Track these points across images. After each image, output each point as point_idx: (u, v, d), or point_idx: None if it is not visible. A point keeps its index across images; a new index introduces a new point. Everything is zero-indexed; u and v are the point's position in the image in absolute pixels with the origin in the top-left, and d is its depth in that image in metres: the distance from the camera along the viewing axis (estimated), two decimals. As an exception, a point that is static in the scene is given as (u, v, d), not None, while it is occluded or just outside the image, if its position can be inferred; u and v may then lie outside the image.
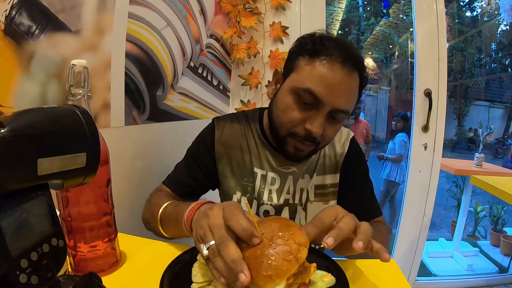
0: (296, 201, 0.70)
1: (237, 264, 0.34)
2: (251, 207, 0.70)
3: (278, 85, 0.63)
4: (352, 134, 0.74)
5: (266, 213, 0.69)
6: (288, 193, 0.69)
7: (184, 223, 0.46)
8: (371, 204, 0.73)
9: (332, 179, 0.71)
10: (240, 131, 0.71)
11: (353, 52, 0.56)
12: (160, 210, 0.56)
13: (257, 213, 0.70)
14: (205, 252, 0.37)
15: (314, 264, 0.40)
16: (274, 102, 0.62)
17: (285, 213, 0.70)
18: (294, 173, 0.69)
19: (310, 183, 0.70)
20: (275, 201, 0.69)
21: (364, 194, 0.73)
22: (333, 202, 0.72)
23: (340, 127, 0.63)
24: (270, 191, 0.69)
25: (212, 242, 0.37)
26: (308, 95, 0.55)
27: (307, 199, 0.70)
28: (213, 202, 0.47)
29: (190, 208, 0.46)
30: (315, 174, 0.70)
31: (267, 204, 0.69)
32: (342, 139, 0.72)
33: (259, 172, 0.69)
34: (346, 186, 0.71)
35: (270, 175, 0.69)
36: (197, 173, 0.70)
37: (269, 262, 0.34)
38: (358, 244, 0.37)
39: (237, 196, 0.70)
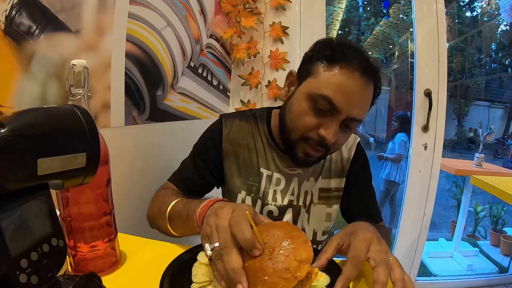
0: (300, 203, 0.70)
1: (236, 274, 0.34)
2: (255, 207, 0.69)
3: (292, 88, 0.63)
4: (358, 139, 0.74)
5: (270, 213, 0.69)
6: (292, 194, 0.69)
7: (196, 220, 0.46)
8: (373, 210, 0.74)
9: (337, 183, 0.71)
10: (248, 130, 0.70)
11: (372, 63, 0.57)
12: (169, 208, 0.55)
13: (261, 213, 0.70)
14: (209, 252, 0.37)
15: (316, 270, 0.39)
16: (288, 106, 0.61)
17: (289, 214, 0.70)
18: (300, 175, 0.69)
19: (315, 186, 0.70)
20: (279, 202, 0.69)
21: (367, 200, 0.74)
22: (336, 206, 0.72)
23: (350, 135, 0.63)
24: (274, 192, 0.69)
25: (217, 244, 0.37)
26: (325, 102, 0.55)
27: (311, 201, 0.70)
28: (227, 201, 0.47)
29: (203, 205, 0.46)
30: (320, 177, 0.70)
31: (271, 204, 0.69)
32: (348, 144, 0.72)
33: (265, 172, 0.69)
34: (350, 190, 0.72)
35: (276, 175, 0.69)
36: (203, 170, 0.70)
37: (266, 278, 0.33)
38: None
39: (241, 195, 0.70)
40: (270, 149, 0.69)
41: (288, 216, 0.70)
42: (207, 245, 0.38)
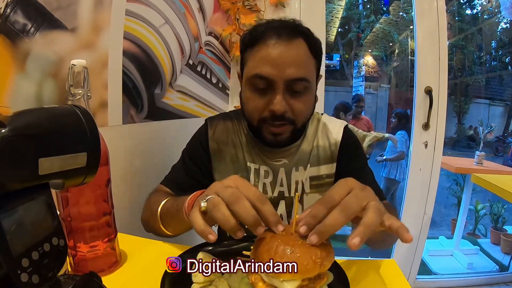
0: (292, 194, 0.70)
1: (256, 220, 0.34)
2: None
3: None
4: (345, 123, 0.73)
5: None
6: (281, 185, 0.70)
7: (185, 210, 0.46)
8: (374, 191, 0.70)
9: (327, 169, 0.70)
10: (232, 128, 0.72)
11: (286, 22, 0.59)
12: (160, 206, 0.56)
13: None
14: (203, 204, 0.36)
15: (330, 275, 0.39)
16: (241, 100, 0.66)
17: (282, 206, 0.70)
18: (286, 165, 0.69)
19: (304, 175, 0.69)
20: (270, 194, 0.70)
21: (364, 180, 0.70)
22: None
23: (309, 99, 0.62)
24: (264, 185, 0.70)
25: (212, 196, 0.36)
26: (259, 79, 0.58)
27: (303, 191, 0.70)
28: None
29: (192, 196, 0.47)
30: (309, 165, 0.69)
31: None
32: (335, 129, 0.71)
33: (252, 166, 0.70)
34: (345, 175, 0.69)
35: (263, 168, 0.69)
36: (194, 171, 0.71)
37: (298, 255, 0.35)
38: (353, 242, 0.32)
39: None
40: (253, 143, 0.70)
41: (281, 208, 0.70)
42: (200, 199, 0.37)
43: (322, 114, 0.75)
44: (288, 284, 0.35)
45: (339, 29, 7.05)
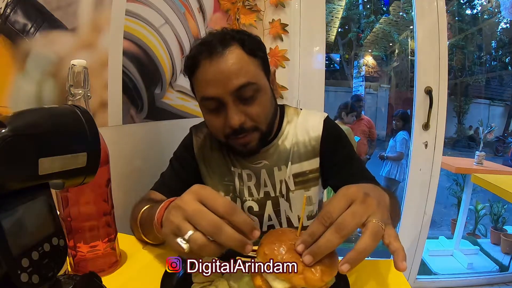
0: (277, 193, 0.70)
1: (245, 241, 0.34)
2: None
3: None
4: (325, 115, 0.71)
5: (250, 209, 0.70)
6: (265, 186, 0.70)
7: (155, 225, 0.43)
8: (365, 178, 0.68)
9: (310, 165, 0.69)
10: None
11: (214, 35, 0.59)
12: (139, 215, 0.54)
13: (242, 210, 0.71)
14: (185, 245, 0.34)
15: (331, 280, 0.39)
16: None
17: (268, 206, 0.70)
18: (266, 165, 0.69)
19: (287, 173, 0.69)
20: (255, 196, 0.70)
21: (354, 171, 0.68)
22: (314, 189, 0.70)
23: (264, 100, 0.61)
24: (249, 188, 0.70)
25: (190, 232, 0.34)
26: (208, 101, 0.59)
27: (288, 189, 0.69)
28: None
29: (160, 208, 0.43)
30: (290, 163, 0.68)
31: (249, 200, 0.70)
32: (315, 122, 0.70)
33: (236, 171, 0.70)
34: (332, 169, 0.68)
35: (245, 172, 0.70)
36: (183, 174, 0.71)
37: (286, 261, 0.35)
38: (342, 269, 0.32)
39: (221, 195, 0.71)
40: (231, 149, 0.70)
41: (268, 209, 0.70)
42: (179, 240, 0.34)
43: (301, 109, 0.74)
44: (279, 284, 0.35)
45: (339, 29, 7.05)
